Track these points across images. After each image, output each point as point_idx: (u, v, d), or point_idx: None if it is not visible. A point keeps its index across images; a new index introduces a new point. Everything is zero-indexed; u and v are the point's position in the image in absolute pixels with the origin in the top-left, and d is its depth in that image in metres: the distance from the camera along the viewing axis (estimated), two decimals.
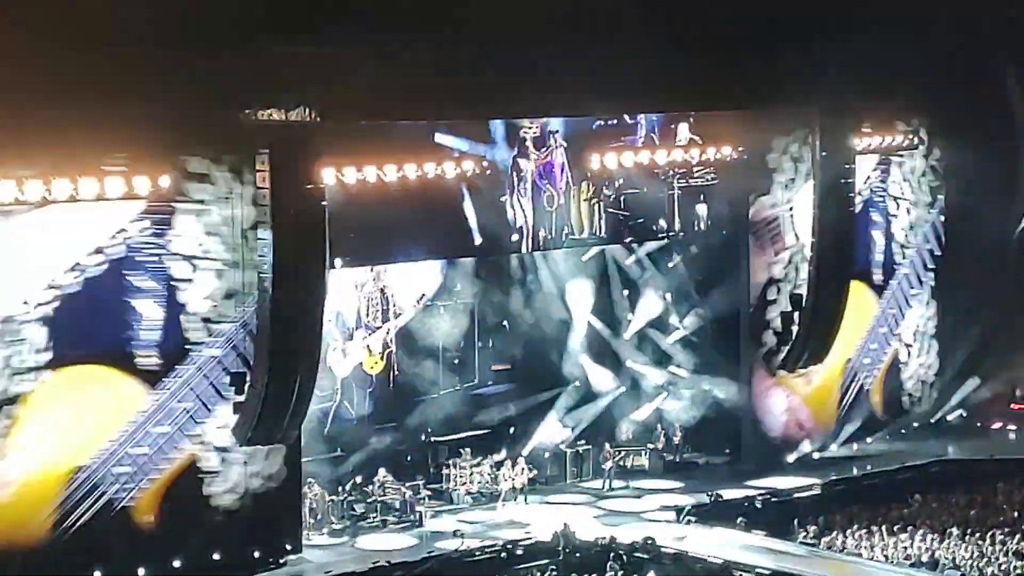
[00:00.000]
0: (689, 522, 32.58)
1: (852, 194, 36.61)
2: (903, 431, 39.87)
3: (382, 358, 34.70)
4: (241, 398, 29.13)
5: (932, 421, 40.59)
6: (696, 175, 36.43)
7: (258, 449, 29.66)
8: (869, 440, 39.15)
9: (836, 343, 37.38)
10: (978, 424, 40.85)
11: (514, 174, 33.49)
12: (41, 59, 25.77)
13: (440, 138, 32.10)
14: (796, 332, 36.77)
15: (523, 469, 34.58)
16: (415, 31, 29.21)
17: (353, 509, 33.01)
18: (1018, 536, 30.37)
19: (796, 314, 36.79)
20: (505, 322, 36.62)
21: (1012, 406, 41.28)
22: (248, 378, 29.11)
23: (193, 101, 27.39)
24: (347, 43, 28.61)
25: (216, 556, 29.38)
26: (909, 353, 40.44)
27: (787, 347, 36.95)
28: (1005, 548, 29.69)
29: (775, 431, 37.53)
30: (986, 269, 39.92)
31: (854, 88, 34.98)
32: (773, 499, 34.16)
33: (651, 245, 37.23)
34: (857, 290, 38.22)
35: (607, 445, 36.30)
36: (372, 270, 34.18)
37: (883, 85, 35.86)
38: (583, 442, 36.94)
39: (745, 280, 36.96)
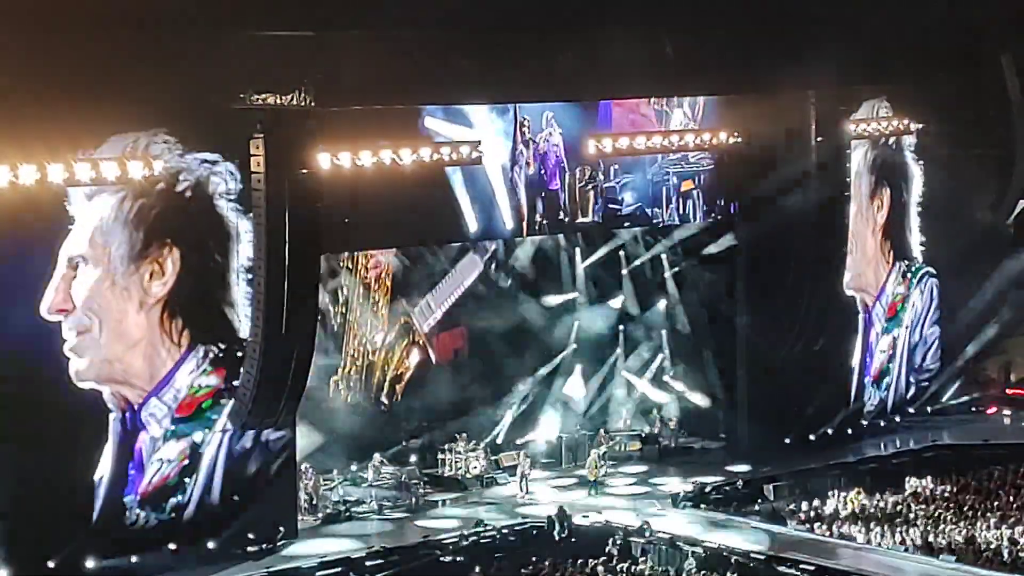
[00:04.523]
0: (685, 507, 32.64)
1: (848, 178, 36.64)
2: (897, 417, 39.90)
3: None
4: (236, 382, 29.13)
5: (928, 409, 40.64)
6: (692, 161, 36.40)
7: None
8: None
9: None
10: (973, 409, 40.89)
11: (509, 159, 33.47)
12: (33, 44, 25.74)
13: (431, 123, 32.08)
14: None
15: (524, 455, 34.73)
16: (410, 15, 29.14)
17: (348, 494, 33.05)
18: (1012, 521, 30.41)
19: None
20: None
21: (1007, 391, 41.34)
22: (243, 362, 29.08)
23: (189, 86, 27.34)
24: (342, 28, 28.58)
25: (210, 544, 29.41)
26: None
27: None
28: (999, 533, 29.73)
29: None
30: (979, 255, 39.95)
31: (849, 73, 34.93)
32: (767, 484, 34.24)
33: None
34: None
35: (601, 430, 36.31)
36: None
37: (878, 70, 35.85)
38: (578, 428, 36.97)
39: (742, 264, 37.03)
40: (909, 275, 39.82)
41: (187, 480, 28.92)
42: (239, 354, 28.91)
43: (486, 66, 30.84)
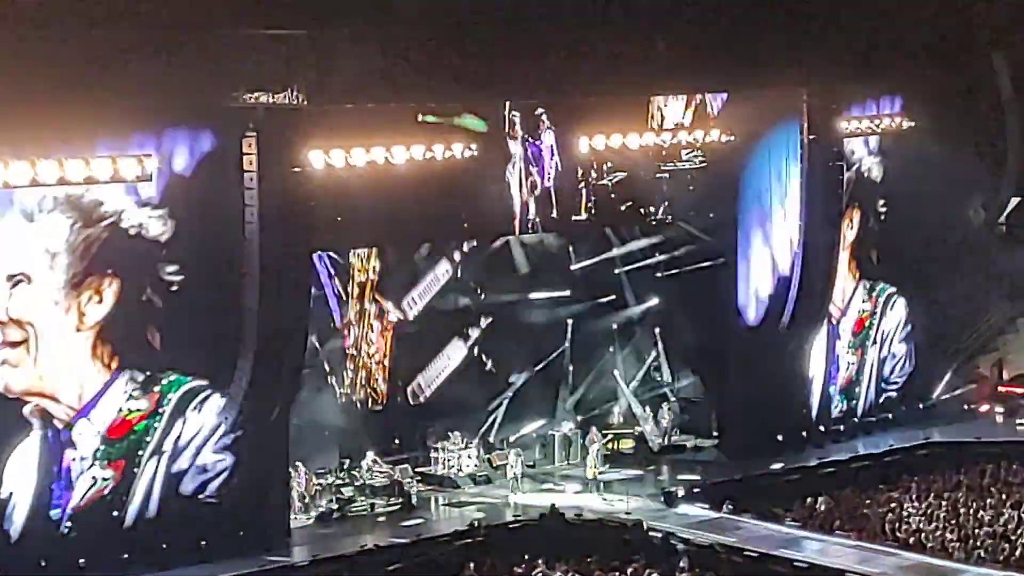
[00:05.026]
0: (678, 504, 32.65)
1: (841, 176, 36.65)
2: (890, 415, 39.93)
3: None
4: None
5: (920, 406, 40.67)
6: (684, 159, 36.41)
7: None
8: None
9: None
10: (965, 407, 40.94)
11: (502, 157, 33.45)
12: (28, 43, 25.73)
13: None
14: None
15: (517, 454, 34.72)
16: (403, 13, 29.16)
17: (341, 492, 33.05)
18: (1004, 518, 30.45)
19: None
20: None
21: (999, 388, 41.39)
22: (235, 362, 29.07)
23: (182, 84, 27.35)
24: (336, 25, 28.59)
25: (203, 542, 29.39)
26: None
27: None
28: (992, 530, 29.76)
29: None
30: (971, 253, 40.02)
31: (841, 71, 34.96)
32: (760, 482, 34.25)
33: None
34: None
35: (594, 428, 36.30)
36: None
37: (872, 68, 35.87)
38: (571, 426, 36.97)
39: (733, 263, 37.02)
40: (875, 294, 39.70)
41: (124, 497, 28.62)
42: (164, 382, 28.72)
43: (478, 64, 30.83)
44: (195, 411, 29.12)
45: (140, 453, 28.68)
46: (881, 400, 40.07)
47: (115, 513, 28.48)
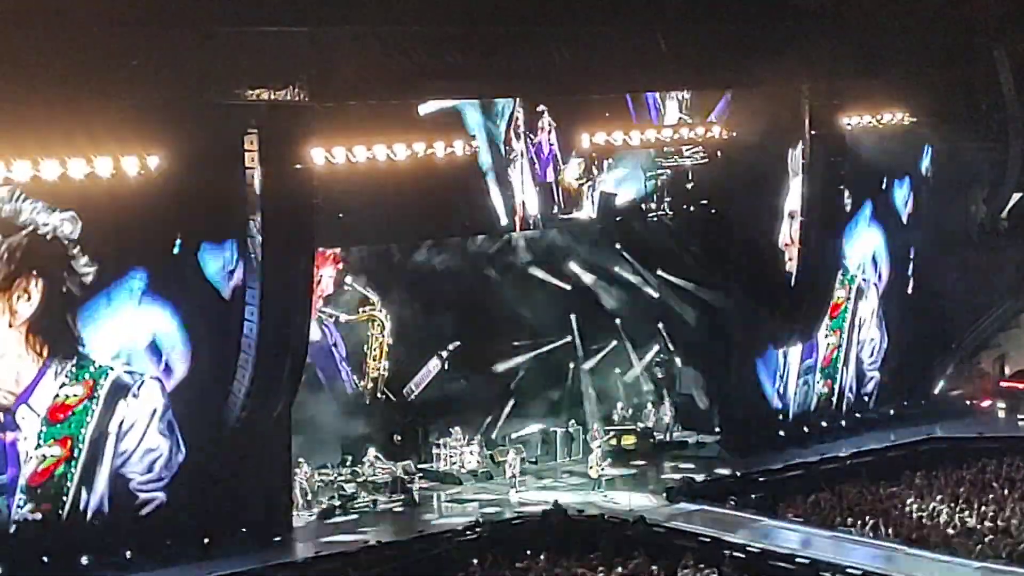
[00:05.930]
0: (679, 500, 32.67)
1: (842, 172, 36.64)
2: (891, 411, 39.94)
3: None
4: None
5: (922, 402, 40.69)
6: (686, 155, 36.41)
7: None
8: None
9: None
10: (967, 402, 40.96)
11: (504, 153, 33.46)
12: (29, 39, 25.74)
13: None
14: (784, 309, 36.88)
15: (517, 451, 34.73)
16: (405, 10, 29.17)
17: (343, 489, 33.08)
18: (1006, 513, 30.47)
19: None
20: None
21: (1001, 384, 41.40)
22: (238, 357, 29.09)
23: (183, 81, 27.35)
24: (337, 23, 28.60)
25: (205, 539, 29.44)
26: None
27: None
28: (994, 526, 29.78)
29: None
30: (972, 249, 40.05)
31: (842, 67, 34.96)
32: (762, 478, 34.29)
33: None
34: None
35: (595, 424, 36.31)
36: None
37: (873, 64, 35.87)
38: (573, 422, 36.99)
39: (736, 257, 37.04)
40: (846, 282, 39.56)
41: (72, 471, 28.68)
42: (91, 370, 28.71)
43: (480, 61, 30.82)
44: (132, 397, 29.16)
45: (83, 431, 28.71)
46: (869, 388, 40.13)
47: (68, 486, 28.63)
